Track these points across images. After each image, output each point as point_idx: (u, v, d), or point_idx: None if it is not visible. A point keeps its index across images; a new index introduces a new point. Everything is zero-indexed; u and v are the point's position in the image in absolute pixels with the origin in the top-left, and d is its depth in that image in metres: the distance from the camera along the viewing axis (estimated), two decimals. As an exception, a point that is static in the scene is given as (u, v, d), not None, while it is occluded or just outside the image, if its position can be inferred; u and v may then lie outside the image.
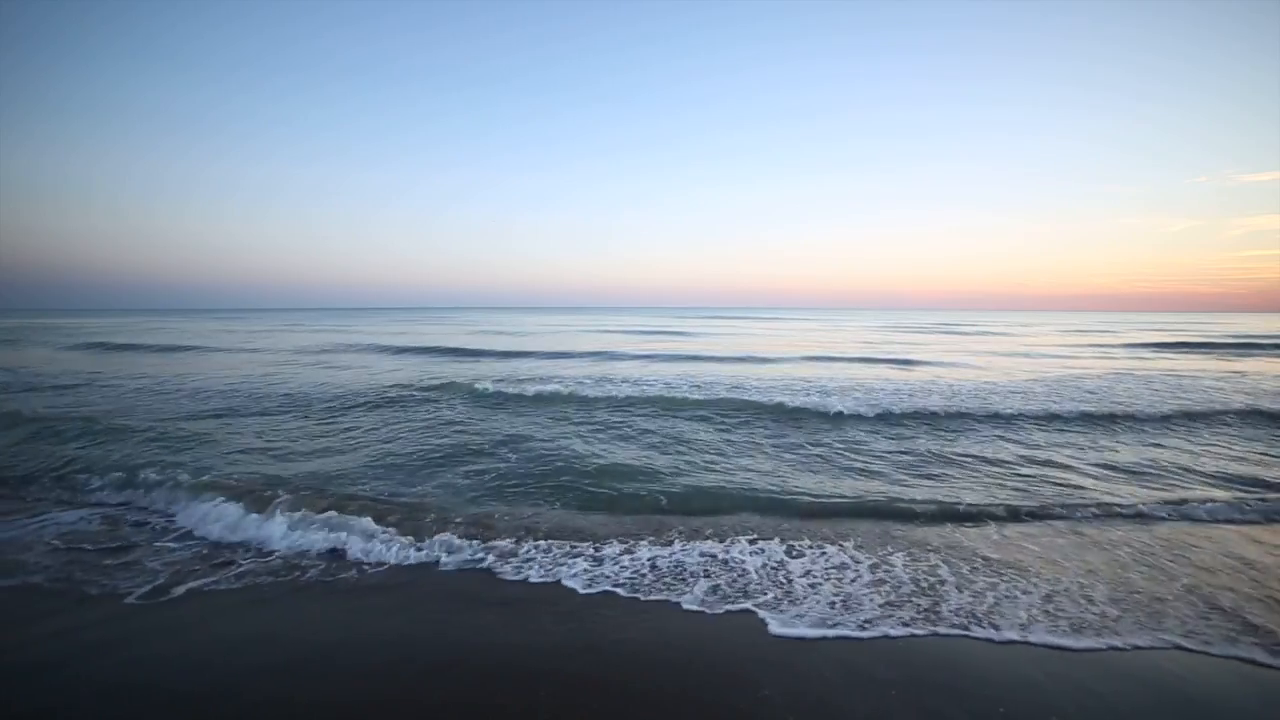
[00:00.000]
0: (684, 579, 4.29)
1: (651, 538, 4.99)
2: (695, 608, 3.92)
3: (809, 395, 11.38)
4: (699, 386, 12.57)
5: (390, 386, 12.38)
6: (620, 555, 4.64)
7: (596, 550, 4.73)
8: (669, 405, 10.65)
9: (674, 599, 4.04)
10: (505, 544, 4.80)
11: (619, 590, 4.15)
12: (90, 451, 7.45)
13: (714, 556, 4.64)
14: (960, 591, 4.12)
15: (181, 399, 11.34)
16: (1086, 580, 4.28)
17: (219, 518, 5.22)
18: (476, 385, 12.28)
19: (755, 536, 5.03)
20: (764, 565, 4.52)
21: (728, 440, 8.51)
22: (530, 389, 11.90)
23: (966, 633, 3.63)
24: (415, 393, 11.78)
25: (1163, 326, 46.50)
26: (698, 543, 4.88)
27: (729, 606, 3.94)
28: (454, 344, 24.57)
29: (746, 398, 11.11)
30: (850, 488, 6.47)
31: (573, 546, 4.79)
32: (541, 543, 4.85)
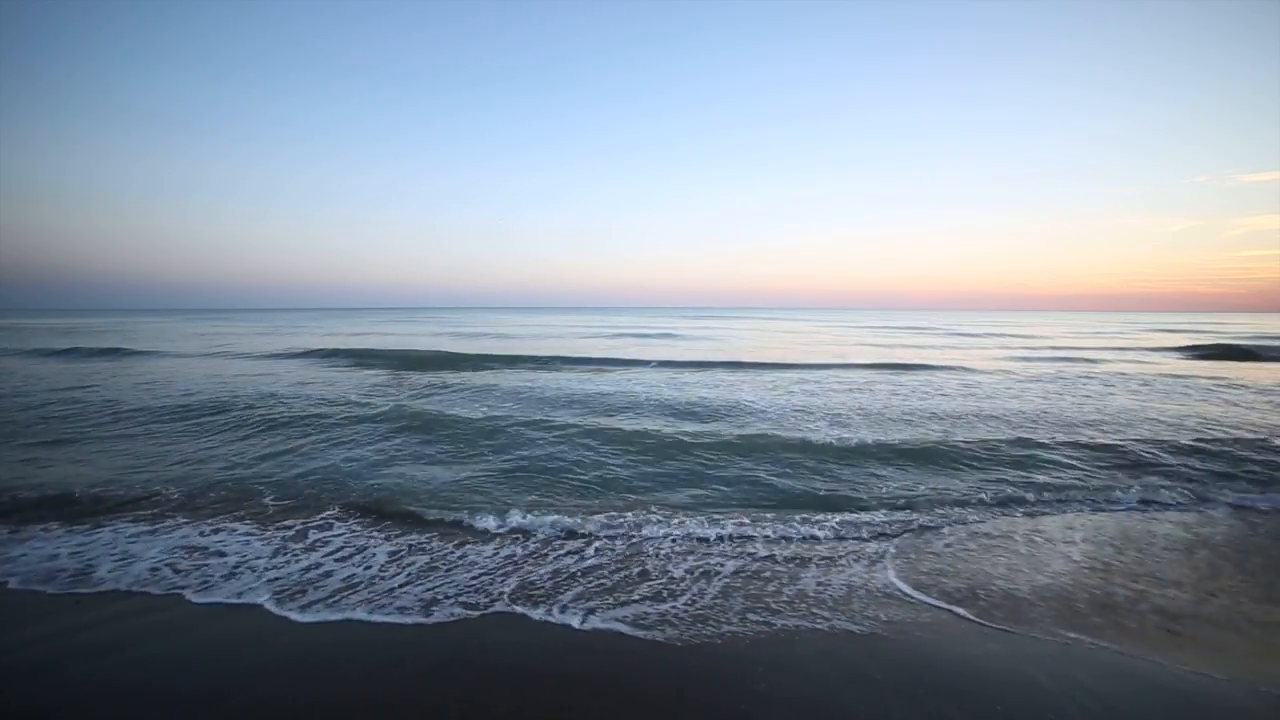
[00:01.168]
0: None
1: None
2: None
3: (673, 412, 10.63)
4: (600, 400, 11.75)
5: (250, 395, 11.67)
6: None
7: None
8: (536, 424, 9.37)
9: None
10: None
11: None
12: None
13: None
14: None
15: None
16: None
17: None
18: (357, 398, 11.66)
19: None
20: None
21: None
22: (382, 402, 11.10)
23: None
24: (264, 399, 11.21)
25: (1170, 327, 45.38)
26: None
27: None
28: (404, 346, 22.85)
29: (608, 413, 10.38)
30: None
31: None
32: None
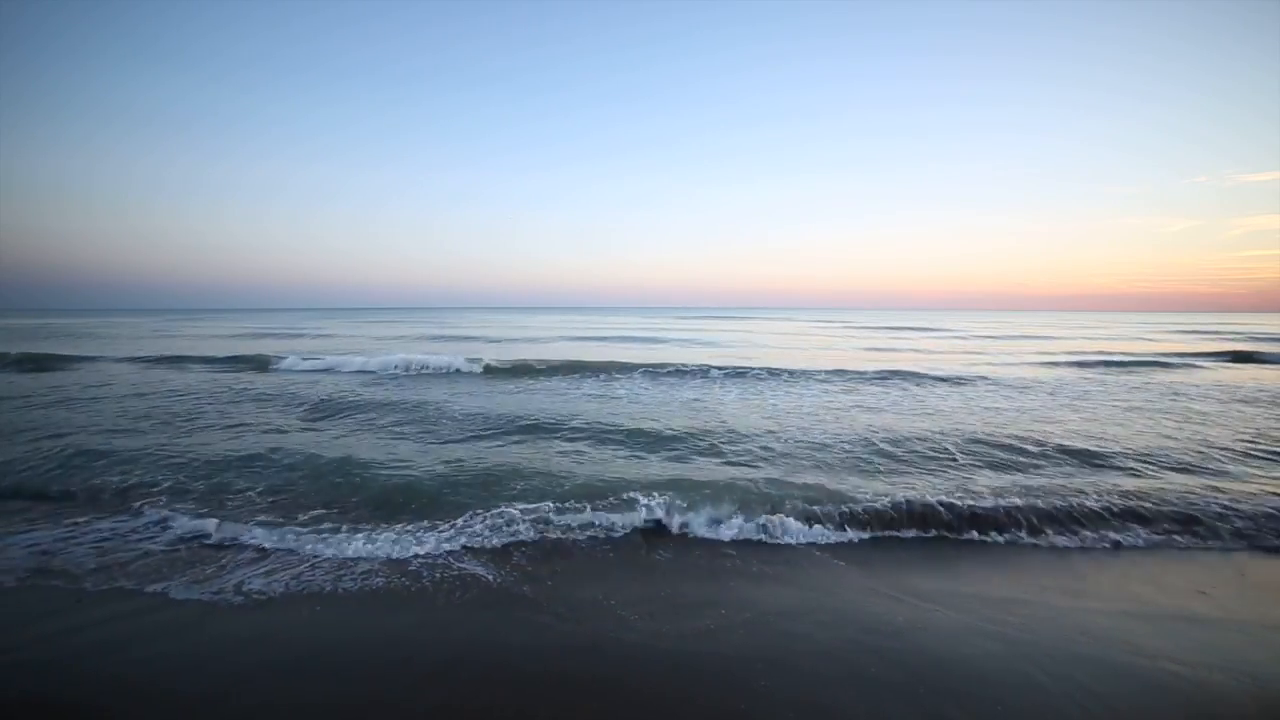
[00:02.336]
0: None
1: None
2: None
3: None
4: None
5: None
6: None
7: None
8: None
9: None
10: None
11: None
12: None
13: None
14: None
15: None
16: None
17: None
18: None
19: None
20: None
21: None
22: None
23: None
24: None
25: (1185, 327, 42.42)
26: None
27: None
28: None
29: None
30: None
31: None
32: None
